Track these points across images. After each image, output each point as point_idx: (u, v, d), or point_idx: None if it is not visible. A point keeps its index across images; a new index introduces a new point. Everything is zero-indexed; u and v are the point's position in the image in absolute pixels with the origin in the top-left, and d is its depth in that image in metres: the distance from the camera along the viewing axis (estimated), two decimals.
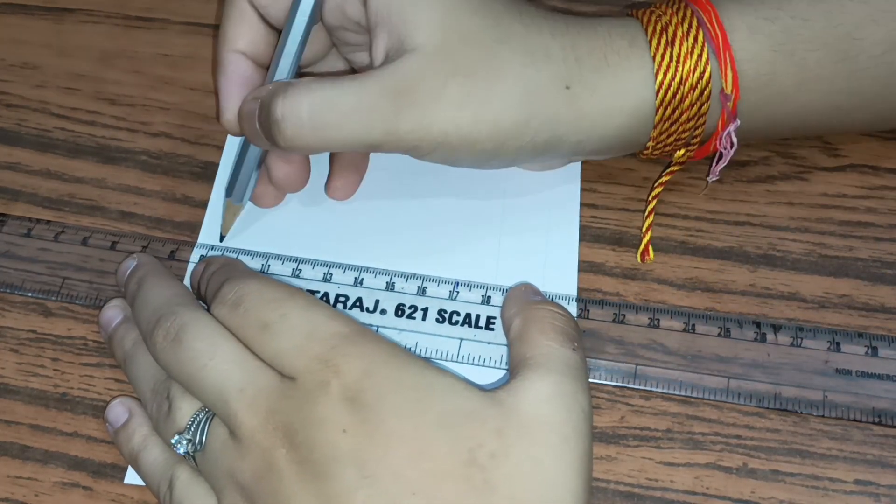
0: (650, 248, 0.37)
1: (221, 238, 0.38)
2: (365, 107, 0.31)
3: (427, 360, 0.29)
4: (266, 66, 0.36)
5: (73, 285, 0.36)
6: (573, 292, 0.36)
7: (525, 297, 0.33)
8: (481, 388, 0.28)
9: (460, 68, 0.32)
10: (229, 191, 0.37)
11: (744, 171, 0.39)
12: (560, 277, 0.36)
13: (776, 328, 0.34)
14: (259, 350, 0.29)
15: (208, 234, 0.38)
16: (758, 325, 0.34)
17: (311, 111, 0.31)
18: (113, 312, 0.35)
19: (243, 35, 0.35)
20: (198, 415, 0.29)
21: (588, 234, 0.37)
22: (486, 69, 0.32)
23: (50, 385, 0.35)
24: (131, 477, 0.32)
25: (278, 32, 0.35)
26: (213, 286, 0.32)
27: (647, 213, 0.37)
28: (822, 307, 0.35)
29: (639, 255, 0.37)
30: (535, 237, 0.37)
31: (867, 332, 0.34)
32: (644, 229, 0.37)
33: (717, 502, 0.32)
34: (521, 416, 0.27)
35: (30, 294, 0.36)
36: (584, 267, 0.37)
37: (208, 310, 0.31)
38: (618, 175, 0.39)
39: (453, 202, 0.38)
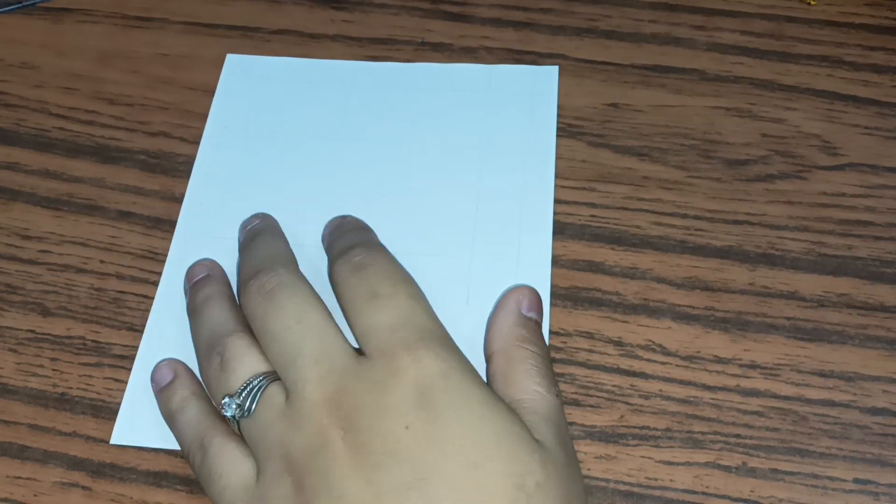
0: None
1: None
2: None
3: None
4: None
5: (72, 283, 0.36)
6: (547, 258, 0.36)
7: (508, 329, 0.32)
8: None
9: None
10: None
11: (743, 169, 0.39)
12: (534, 243, 0.37)
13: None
14: (357, 319, 0.29)
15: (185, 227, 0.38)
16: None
17: None
18: (200, 269, 0.35)
19: None
20: (251, 381, 0.29)
21: (588, 234, 0.38)
22: None
23: (49, 385, 0.35)
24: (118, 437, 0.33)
25: None
26: (343, 243, 0.33)
27: None
28: (822, 306, 0.35)
29: None
30: (511, 199, 0.38)
31: None
32: None
33: (716, 501, 0.32)
34: (553, 454, 0.28)
35: (28, 292, 0.36)
36: (584, 266, 0.37)
37: (331, 264, 0.32)
38: (618, 175, 0.39)
39: (429, 164, 0.39)
